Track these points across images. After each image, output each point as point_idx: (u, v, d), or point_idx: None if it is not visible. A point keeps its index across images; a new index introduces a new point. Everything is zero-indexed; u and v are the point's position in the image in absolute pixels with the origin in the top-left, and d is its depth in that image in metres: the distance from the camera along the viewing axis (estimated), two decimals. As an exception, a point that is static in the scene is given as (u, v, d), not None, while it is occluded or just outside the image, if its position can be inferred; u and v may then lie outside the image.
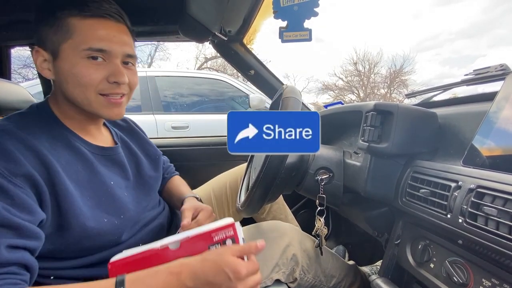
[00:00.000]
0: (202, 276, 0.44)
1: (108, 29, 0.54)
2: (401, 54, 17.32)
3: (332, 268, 0.79)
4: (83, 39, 0.52)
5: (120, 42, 0.55)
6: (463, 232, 0.48)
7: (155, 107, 2.63)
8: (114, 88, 0.56)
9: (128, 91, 0.60)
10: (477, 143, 0.53)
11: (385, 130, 0.64)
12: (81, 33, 0.52)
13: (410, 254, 0.64)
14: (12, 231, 0.42)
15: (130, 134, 0.75)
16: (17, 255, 0.41)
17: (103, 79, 0.54)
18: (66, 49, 0.52)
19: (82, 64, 0.52)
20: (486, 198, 0.45)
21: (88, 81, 0.53)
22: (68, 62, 0.52)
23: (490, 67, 0.69)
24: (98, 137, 0.63)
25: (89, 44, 0.52)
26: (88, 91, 0.54)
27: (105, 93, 0.55)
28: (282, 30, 0.73)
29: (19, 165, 0.45)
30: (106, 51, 0.53)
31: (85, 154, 0.57)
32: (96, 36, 0.52)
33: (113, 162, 0.63)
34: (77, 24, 0.52)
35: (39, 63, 0.55)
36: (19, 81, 4.77)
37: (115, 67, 0.55)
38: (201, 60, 11.70)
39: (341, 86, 14.50)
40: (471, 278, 0.49)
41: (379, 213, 0.77)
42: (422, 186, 0.57)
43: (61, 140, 0.54)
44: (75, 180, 0.52)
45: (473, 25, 21.24)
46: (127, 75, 0.57)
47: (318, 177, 0.75)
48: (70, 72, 0.53)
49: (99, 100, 0.55)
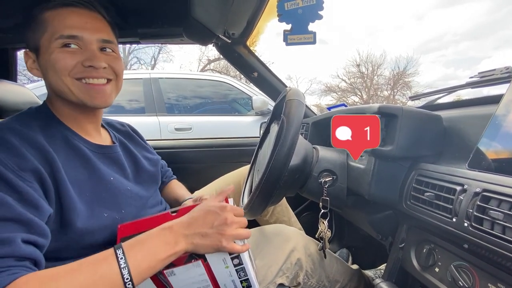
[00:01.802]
0: (193, 221, 0.50)
1: (78, 17, 0.56)
2: (404, 56, 17.24)
3: (337, 273, 0.79)
4: (56, 29, 0.54)
5: (92, 28, 0.56)
6: (469, 236, 0.47)
7: (158, 109, 2.64)
8: (90, 71, 0.56)
9: (114, 77, 0.60)
10: (482, 146, 0.53)
11: (389, 132, 0.64)
12: (53, 23, 0.54)
13: (414, 258, 0.63)
14: (24, 227, 0.42)
15: (128, 137, 0.76)
16: (30, 250, 0.41)
17: (78, 64, 0.55)
18: (43, 43, 0.54)
19: (57, 52, 0.54)
20: (492, 202, 0.45)
21: (62, 66, 0.54)
22: (46, 54, 0.54)
23: (495, 69, 0.69)
24: (96, 137, 0.64)
25: (60, 31, 0.54)
26: (63, 76, 0.54)
27: (80, 76, 0.56)
28: (287, 33, 0.73)
29: (26, 160, 0.46)
30: (78, 37, 0.55)
31: (84, 152, 0.57)
32: (67, 24, 0.54)
33: (112, 160, 0.64)
34: (50, 16, 0.54)
35: (29, 65, 0.58)
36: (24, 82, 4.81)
37: (89, 52, 0.56)
38: (204, 62, 11.76)
39: (344, 88, 14.48)
40: (477, 283, 0.49)
41: (383, 216, 0.76)
42: (427, 189, 0.57)
43: (60, 138, 0.56)
44: (73, 177, 0.53)
45: (478, 26, 21.09)
46: (107, 61, 0.58)
47: (321, 179, 0.74)
48: (48, 62, 0.54)
49: (77, 85, 0.56)
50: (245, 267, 0.53)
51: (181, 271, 0.51)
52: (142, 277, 0.44)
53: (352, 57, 15.64)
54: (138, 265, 0.44)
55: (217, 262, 0.52)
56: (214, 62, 11.55)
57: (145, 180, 0.70)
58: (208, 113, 2.90)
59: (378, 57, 14.02)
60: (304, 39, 0.72)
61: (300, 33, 0.72)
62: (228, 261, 0.52)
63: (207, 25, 0.90)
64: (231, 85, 2.93)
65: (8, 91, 0.91)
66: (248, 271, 0.53)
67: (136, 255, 0.44)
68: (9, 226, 0.41)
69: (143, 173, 0.71)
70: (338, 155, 0.78)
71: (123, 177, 0.64)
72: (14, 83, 1.00)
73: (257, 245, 0.75)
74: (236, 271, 0.53)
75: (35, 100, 0.98)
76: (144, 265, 0.44)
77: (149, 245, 0.46)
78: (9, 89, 0.92)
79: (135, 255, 0.44)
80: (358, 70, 14.17)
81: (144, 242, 0.46)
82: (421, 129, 0.63)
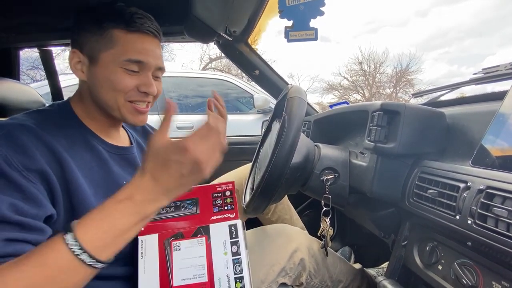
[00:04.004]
0: (155, 181, 0.42)
1: (147, 43, 0.58)
2: (407, 53, 17.10)
3: (340, 273, 0.79)
4: (124, 51, 0.55)
5: (155, 56, 0.59)
6: (472, 234, 0.47)
7: (160, 108, 2.65)
8: (142, 96, 0.59)
9: (152, 100, 0.63)
10: (486, 143, 0.52)
11: (392, 130, 0.64)
12: (123, 45, 0.56)
13: (417, 256, 0.63)
14: (12, 226, 0.41)
15: (145, 138, 0.77)
16: (16, 247, 0.41)
17: (134, 88, 0.58)
18: (106, 57, 0.56)
19: (119, 73, 0.56)
20: (496, 199, 0.44)
21: (122, 87, 0.56)
22: (106, 69, 0.56)
23: (499, 65, 0.68)
24: (115, 138, 0.65)
25: (129, 55, 0.55)
26: (119, 96, 0.57)
27: (132, 99, 0.58)
28: (288, 29, 0.73)
29: (33, 160, 0.46)
30: (142, 63, 0.57)
31: (101, 153, 0.58)
32: (136, 49, 0.56)
33: (128, 162, 0.64)
34: (121, 36, 0.56)
35: (73, 63, 0.58)
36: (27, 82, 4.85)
37: (147, 79, 0.58)
38: (206, 60, 11.76)
39: (346, 86, 14.42)
40: (481, 281, 0.48)
41: (386, 214, 0.76)
42: (430, 187, 0.57)
43: (79, 138, 0.56)
44: (89, 178, 0.53)
45: (484, 23, 20.82)
46: (156, 87, 0.60)
47: (323, 177, 0.74)
48: (107, 78, 0.56)
49: (127, 106, 0.58)
50: (241, 259, 0.55)
51: (186, 245, 0.56)
52: (108, 251, 0.40)
53: (354, 55, 15.59)
54: (95, 239, 0.39)
55: (218, 245, 0.56)
56: (215, 61, 11.54)
57: None
58: (210, 112, 2.90)
59: (380, 54, 13.95)
60: (306, 36, 0.72)
61: (302, 30, 0.71)
62: (228, 246, 0.56)
63: (208, 23, 0.90)
64: (232, 84, 2.93)
65: (12, 90, 0.92)
66: (244, 268, 0.54)
67: (90, 231, 0.40)
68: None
69: None
70: (340, 153, 0.78)
71: None
72: (18, 82, 1.01)
73: (259, 244, 0.75)
74: (233, 262, 0.55)
75: (39, 99, 0.98)
76: (104, 239, 0.40)
77: (108, 220, 0.41)
78: (13, 88, 0.93)
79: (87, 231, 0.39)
80: (360, 68, 14.10)
81: (98, 220, 0.41)
82: (424, 126, 0.63)
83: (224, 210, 0.60)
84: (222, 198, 0.61)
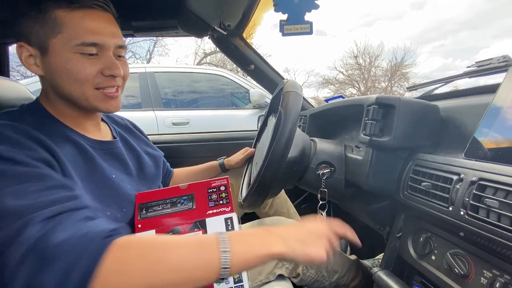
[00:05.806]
0: (291, 229, 0.48)
1: (96, 20, 0.52)
2: (402, 46, 17.13)
3: (335, 264, 0.80)
4: (74, 34, 0.50)
5: (110, 34, 0.53)
6: (465, 225, 0.48)
7: (155, 104, 2.62)
8: (109, 81, 0.54)
9: (122, 82, 0.59)
10: (479, 135, 0.53)
11: (387, 123, 0.64)
12: (71, 26, 0.50)
13: (411, 247, 0.64)
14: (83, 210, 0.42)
15: (128, 132, 0.75)
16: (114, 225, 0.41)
17: (98, 73, 0.53)
18: (56, 44, 0.50)
19: (76, 59, 0.50)
20: (488, 191, 0.45)
21: (84, 76, 0.51)
22: (60, 57, 0.50)
23: (492, 58, 0.69)
24: (96, 133, 0.62)
25: (81, 39, 0.50)
26: (84, 86, 0.52)
27: (101, 86, 0.54)
28: (283, 23, 0.72)
29: (34, 151, 0.44)
30: (98, 45, 0.52)
31: (85, 148, 0.55)
32: (87, 30, 0.50)
33: (114, 156, 0.62)
34: (65, 17, 0.50)
35: (24, 59, 0.52)
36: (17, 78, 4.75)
37: (109, 60, 0.53)
38: (200, 55, 11.61)
39: (342, 80, 14.41)
40: (472, 270, 0.50)
41: (381, 206, 0.77)
42: (424, 179, 0.57)
43: (60, 135, 0.53)
44: (77, 174, 0.51)
45: (479, 15, 20.76)
46: (121, 67, 0.56)
47: (319, 171, 0.75)
48: (64, 67, 0.51)
49: (95, 95, 0.54)
50: None
51: None
52: (236, 270, 0.41)
53: (349, 49, 15.55)
54: (237, 255, 0.41)
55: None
56: (210, 56, 11.41)
57: (148, 176, 0.69)
58: (206, 107, 2.89)
59: (375, 48, 13.94)
60: (301, 29, 0.71)
61: (297, 23, 0.71)
62: None
63: (202, 16, 0.89)
64: (228, 79, 2.91)
65: (2, 87, 0.90)
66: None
67: (237, 245, 0.42)
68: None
69: (145, 169, 0.69)
70: (335, 147, 0.79)
71: (125, 174, 0.63)
72: (7, 79, 0.98)
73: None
74: None
75: (29, 96, 0.96)
76: (242, 257, 0.42)
77: (248, 239, 0.44)
78: (2, 85, 0.90)
79: (236, 245, 0.41)
80: (355, 62, 14.09)
81: (243, 236, 0.45)
82: (418, 119, 0.63)
83: (219, 204, 0.61)
84: (217, 193, 0.63)
